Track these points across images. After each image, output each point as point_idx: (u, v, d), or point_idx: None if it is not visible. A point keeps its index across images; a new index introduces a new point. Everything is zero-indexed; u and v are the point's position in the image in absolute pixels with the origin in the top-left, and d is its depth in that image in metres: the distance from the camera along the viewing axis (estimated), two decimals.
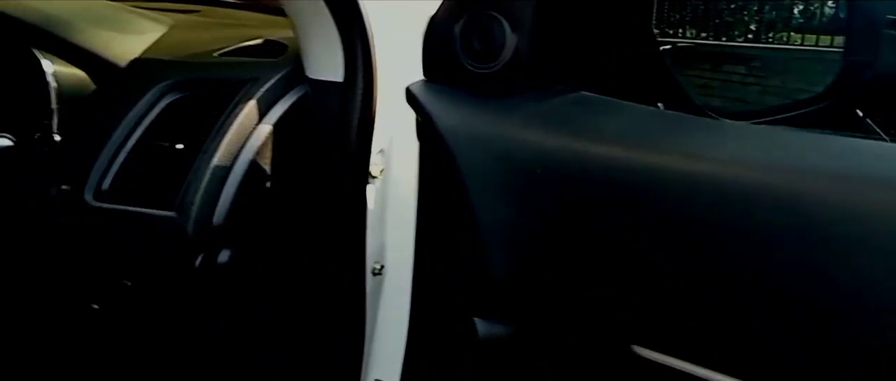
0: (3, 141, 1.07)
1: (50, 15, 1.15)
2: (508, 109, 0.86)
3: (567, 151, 0.79)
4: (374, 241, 1.16)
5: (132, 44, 1.21)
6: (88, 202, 1.07)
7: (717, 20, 1.10)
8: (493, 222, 0.82)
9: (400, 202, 1.19)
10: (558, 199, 0.79)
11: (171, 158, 1.07)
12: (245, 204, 1.07)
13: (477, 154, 0.85)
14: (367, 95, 1.13)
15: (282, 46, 1.24)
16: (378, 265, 1.18)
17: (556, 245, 0.80)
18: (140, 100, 1.12)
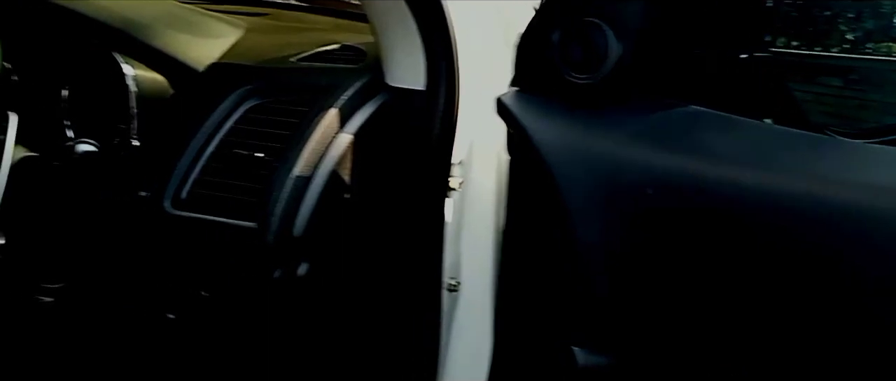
0: (86, 146, 1.05)
1: (131, 18, 1.12)
2: (611, 122, 0.80)
3: (681, 171, 0.72)
4: (450, 256, 1.11)
5: (209, 48, 1.18)
6: (167, 210, 1.04)
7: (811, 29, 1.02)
8: (596, 245, 0.76)
9: (478, 217, 1.13)
10: (671, 222, 0.73)
11: (250, 167, 1.04)
12: (324, 216, 1.03)
13: (578, 171, 0.79)
14: (449, 105, 1.08)
15: (360, 52, 1.19)
16: (453, 281, 1.12)
17: (667, 273, 0.73)
18: (219, 106, 1.08)
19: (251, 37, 1.25)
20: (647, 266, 0.75)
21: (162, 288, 1.08)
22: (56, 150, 1.06)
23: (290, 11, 1.67)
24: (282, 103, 1.07)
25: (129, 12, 1.14)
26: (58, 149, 1.06)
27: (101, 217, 1.09)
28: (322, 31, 1.43)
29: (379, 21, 1.07)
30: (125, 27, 1.11)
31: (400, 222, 1.11)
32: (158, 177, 1.05)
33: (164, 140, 1.08)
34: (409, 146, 1.10)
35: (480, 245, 1.13)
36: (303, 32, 1.38)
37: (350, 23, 1.57)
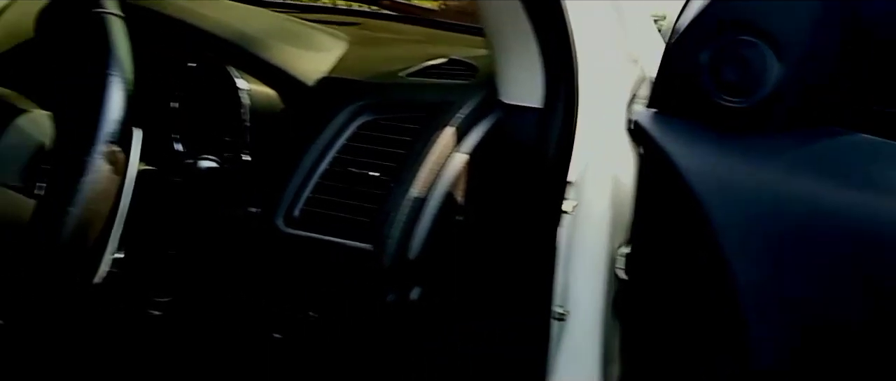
0: (209, 163, 1.02)
1: (243, 31, 1.09)
2: (771, 151, 0.73)
3: (861, 210, 0.65)
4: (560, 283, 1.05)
5: (318, 61, 1.15)
6: (279, 228, 1.00)
7: None
8: (755, 290, 0.69)
9: (590, 242, 1.06)
10: (852, 268, 0.66)
11: (364, 186, 0.99)
12: (438, 239, 0.98)
13: (732, 204, 0.72)
14: (568, 124, 1.02)
15: (469, 67, 1.14)
16: (561, 310, 1.07)
17: (847, 327, 0.66)
18: (331, 122, 1.04)
19: (355, 50, 1.21)
20: (824, 318, 0.67)
21: (270, 307, 1.05)
22: (176, 165, 1.04)
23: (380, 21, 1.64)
24: (395, 120, 1.03)
25: (241, 25, 1.11)
26: (178, 164, 1.04)
27: (212, 232, 1.07)
28: (420, 43, 1.39)
29: (497, 37, 1.01)
30: (238, 40, 1.09)
31: (511, 246, 1.05)
32: (270, 194, 1.02)
33: (276, 156, 1.05)
34: (523, 167, 1.05)
35: (591, 273, 1.07)
36: (403, 45, 1.34)
37: (442, 33, 1.53)
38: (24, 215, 0.82)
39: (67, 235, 0.79)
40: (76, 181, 0.79)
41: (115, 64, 0.82)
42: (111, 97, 0.81)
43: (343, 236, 0.97)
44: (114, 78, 0.82)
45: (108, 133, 0.81)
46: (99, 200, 0.81)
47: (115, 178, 0.82)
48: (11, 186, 0.83)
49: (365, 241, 0.96)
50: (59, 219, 0.78)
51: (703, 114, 0.77)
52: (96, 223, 0.81)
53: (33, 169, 0.83)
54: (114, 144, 0.81)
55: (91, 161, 0.79)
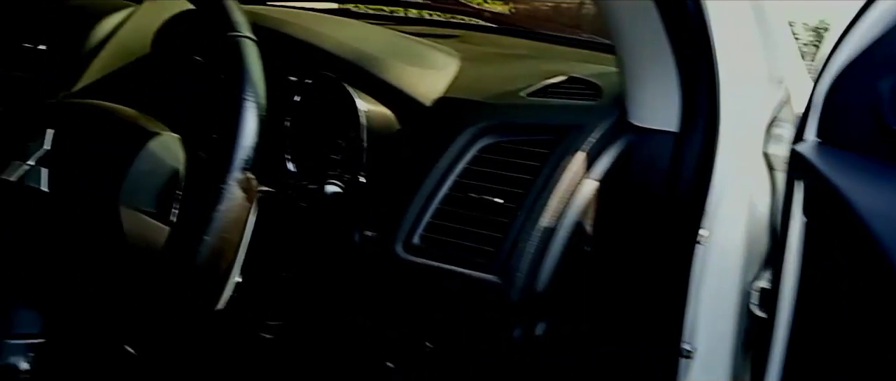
0: (334, 187, 1.00)
1: (361, 50, 1.07)
2: None
3: None
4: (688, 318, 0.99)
5: (434, 80, 1.11)
6: (398, 255, 0.97)
7: None
8: None
9: (721, 275, 1.00)
10: None
11: (488, 213, 0.96)
12: (567, 271, 0.94)
13: None
14: (707, 150, 0.96)
15: (592, 86, 1.09)
16: (688, 347, 1.01)
17: None
18: (451, 145, 1.01)
19: (468, 67, 1.18)
20: None
21: (384, 334, 1.02)
22: (294, 187, 1.02)
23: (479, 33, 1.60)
24: (519, 143, 0.99)
25: (359, 44, 1.09)
26: (298, 187, 1.02)
27: (327, 255, 1.04)
28: (530, 58, 1.34)
29: (629, 54, 0.96)
30: (357, 59, 1.06)
31: (641, 278, 1.00)
32: (388, 218, 0.99)
33: (393, 178, 1.02)
34: (656, 195, 0.99)
35: (721, 308, 1.01)
36: (514, 61, 1.30)
37: (547, 46, 1.49)
38: (157, 241, 0.81)
39: (201, 263, 0.77)
40: (211, 209, 0.77)
41: (250, 89, 0.80)
42: (246, 123, 0.79)
43: (466, 266, 0.93)
44: (248, 103, 0.80)
45: (243, 160, 0.79)
46: (232, 228, 0.79)
47: (247, 205, 0.80)
48: (145, 211, 0.81)
49: (490, 272, 0.91)
50: (193, 248, 0.77)
51: (882, 148, 0.71)
52: (228, 252, 0.79)
53: (167, 194, 0.82)
54: (247, 170, 0.79)
55: (226, 189, 0.77)
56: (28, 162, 0.87)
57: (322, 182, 0.99)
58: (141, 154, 0.83)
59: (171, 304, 0.79)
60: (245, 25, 0.84)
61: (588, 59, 1.34)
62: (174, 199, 0.82)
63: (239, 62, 0.81)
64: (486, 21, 1.65)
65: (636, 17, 0.93)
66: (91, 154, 0.86)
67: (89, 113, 0.90)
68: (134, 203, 0.81)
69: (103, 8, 1.30)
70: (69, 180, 0.86)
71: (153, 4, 1.32)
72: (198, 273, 0.77)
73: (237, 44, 0.83)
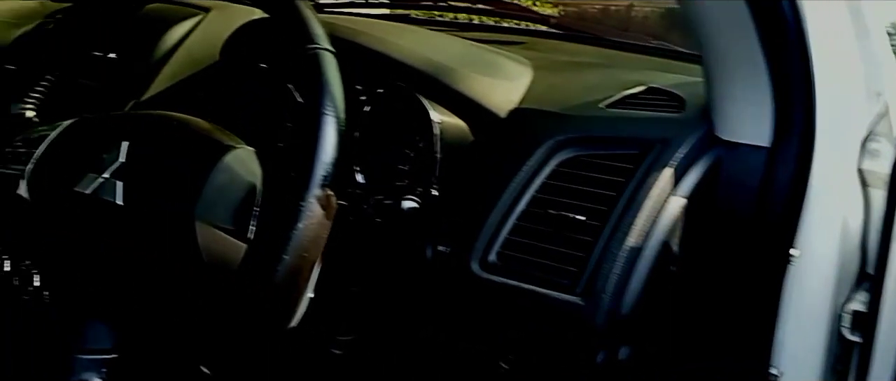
0: (411, 203, 0.97)
1: (434, 60, 1.04)
2: None
3: None
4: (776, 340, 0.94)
5: (508, 91, 1.08)
6: (474, 272, 0.94)
7: None
8: None
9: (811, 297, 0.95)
10: None
11: (568, 230, 0.92)
12: (653, 293, 0.90)
13: None
14: (801, 166, 0.91)
15: (674, 97, 1.04)
16: (774, 372, 0.95)
17: None
18: (528, 158, 0.97)
19: (542, 77, 1.14)
20: None
21: (458, 352, 0.99)
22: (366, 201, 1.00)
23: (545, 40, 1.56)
24: (601, 158, 0.95)
25: (432, 53, 1.06)
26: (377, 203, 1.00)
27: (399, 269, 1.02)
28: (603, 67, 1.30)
29: (717, 63, 0.91)
30: (429, 69, 1.03)
31: (728, 300, 0.95)
32: (463, 234, 0.96)
33: (468, 193, 0.99)
34: (745, 212, 0.94)
35: (812, 331, 0.95)
36: (587, 70, 1.25)
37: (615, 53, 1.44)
38: (233, 258, 0.79)
39: (278, 283, 0.75)
40: (290, 227, 0.74)
41: (330, 102, 0.78)
42: (325, 138, 0.77)
43: (546, 286, 0.89)
44: (328, 117, 0.77)
45: (322, 176, 0.76)
46: (311, 247, 0.76)
47: (326, 223, 0.77)
48: (222, 227, 0.79)
49: (573, 293, 0.88)
50: (271, 267, 0.74)
51: None
52: (306, 271, 0.77)
53: (244, 210, 0.80)
54: (327, 186, 0.77)
55: (305, 206, 0.75)
56: (103, 175, 0.86)
57: (397, 196, 0.96)
58: (217, 168, 0.81)
59: (246, 323, 0.77)
60: (324, 37, 0.82)
61: (661, 68, 1.29)
62: (251, 215, 0.80)
63: (318, 75, 0.79)
64: (552, 27, 1.61)
65: (727, 23, 0.88)
66: (167, 167, 0.85)
67: (164, 125, 0.89)
68: (210, 219, 0.80)
69: (173, 16, 1.30)
70: (144, 194, 0.84)
71: (221, 12, 1.32)
72: (275, 293, 0.75)
73: (316, 56, 0.80)
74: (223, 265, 0.80)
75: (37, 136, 0.96)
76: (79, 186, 0.87)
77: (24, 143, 0.97)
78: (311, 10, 0.84)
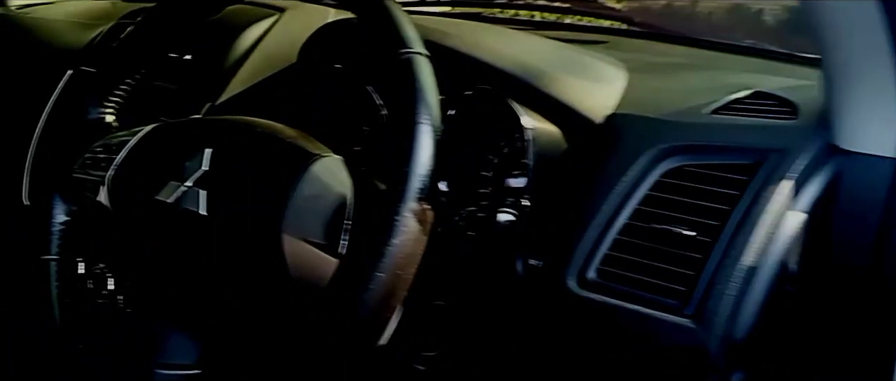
0: (508, 216, 0.92)
1: (526, 63, 0.99)
2: None
3: None
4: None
5: (603, 95, 1.02)
6: (571, 289, 0.89)
7: None
8: None
9: None
10: None
11: (676, 246, 0.86)
12: (769, 314, 0.83)
13: None
14: None
15: (784, 102, 0.97)
16: None
17: None
18: (629, 168, 0.91)
19: (638, 80, 1.08)
20: None
21: (549, 372, 0.94)
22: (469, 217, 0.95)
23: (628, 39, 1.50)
24: (709, 168, 0.88)
25: (523, 56, 1.01)
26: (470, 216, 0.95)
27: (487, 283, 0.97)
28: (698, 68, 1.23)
29: (840, 67, 0.84)
30: (520, 72, 0.98)
31: (848, 320, 0.88)
32: (559, 248, 0.90)
33: (562, 204, 0.93)
34: (868, 227, 0.87)
35: None
36: (684, 72, 1.19)
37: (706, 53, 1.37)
38: (323, 274, 0.75)
39: (371, 302, 0.71)
40: (385, 243, 0.70)
41: (426, 111, 0.73)
42: (421, 148, 0.72)
43: (653, 307, 0.83)
44: (424, 126, 0.73)
45: (418, 189, 0.72)
46: (406, 264, 0.72)
47: (422, 239, 0.73)
48: (311, 241, 0.75)
49: (682, 315, 0.82)
50: (364, 285, 0.70)
51: None
52: (401, 289, 0.73)
53: (334, 223, 0.76)
54: (423, 200, 0.72)
55: (401, 221, 0.71)
56: (185, 183, 0.84)
57: (491, 208, 0.91)
58: (305, 178, 0.77)
59: (334, 343, 0.73)
60: (418, 41, 0.77)
61: (759, 69, 1.22)
62: (342, 229, 0.76)
63: (413, 81, 0.75)
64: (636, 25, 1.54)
65: (854, 26, 0.81)
66: (252, 177, 0.81)
67: (248, 131, 0.86)
68: (298, 231, 0.76)
69: (248, 17, 1.28)
70: (228, 204, 0.81)
71: (296, 12, 1.29)
72: (366, 313, 0.71)
73: (410, 61, 0.76)
74: (311, 281, 0.76)
75: (117, 142, 0.94)
76: (160, 195, 0.85)
77: (104, 149, 0.95)
78: (403, 12, 0.80)
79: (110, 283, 1.04)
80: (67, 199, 0.98)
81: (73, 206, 0.98)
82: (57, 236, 0.97)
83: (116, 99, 1.02)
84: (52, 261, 0.96)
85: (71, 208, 0.99)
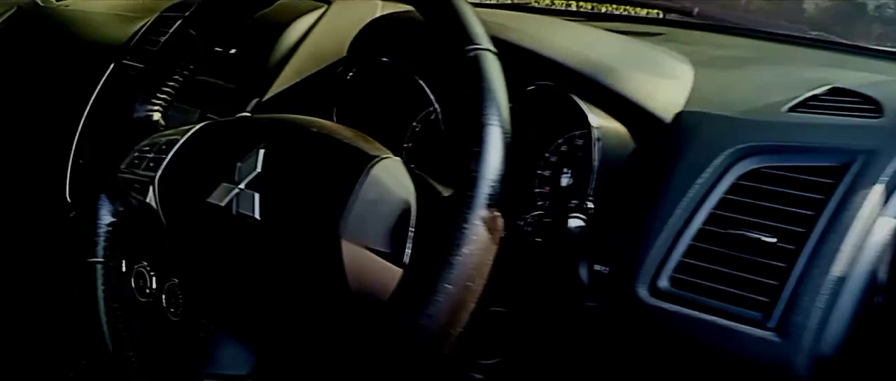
0: (576, 221, 0.88)
1: (592, 58, 0.94)
2: None
3: None
4: None
5: (672, 91, 0.97)
6: (642, 299, 0.84)
7: None
8: None
9: None
10: None
11: (757, 254, 0.81)
12: (858, 329, 0.78)
13: None
14: None
15: (867, 99, 0.92)
16: None
17: None
18: (703, 169, 0.86)
19: (705, 75, 1.03)
20: None
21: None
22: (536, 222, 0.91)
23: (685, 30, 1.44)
24: (791, 170, 0.83)
25: (587, 50, 0.96)
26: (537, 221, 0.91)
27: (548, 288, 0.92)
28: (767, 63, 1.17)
29: None
30: (586, 68, 0.93)
31: None
32: (626, 254, 0.86)
33: (630, 206, 0.89)
34: None
35: None
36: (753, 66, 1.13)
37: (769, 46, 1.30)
38: (385, 284, 0.72)
39: (439, 317, 0.67)
40: (453, 254, 0.66)
41: (495, 112, 0.70)
42: (491, 152, 0.69)
43: (732, 319, 0.79)
44: (493, 128, 0.69)
45: (489, 195, 0.68)
46: (476, 275, 0.68)
47: (492, 248, 0.69)
48: (372, 248, 0.72)
49: (765, 328, 0.77)
50: (430, 298, 0.67)
51: None
52: (470, 302, 0.69)
53: (398, 230, 0.72)
54: (493, 207, 0.68)
55: (470, 229, 0.67)
56: (238, 185, 0.81)
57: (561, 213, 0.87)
58: (366, 181, 0.74)
59: (397, 357, 0.70)
60: (485, 37, 0.73)
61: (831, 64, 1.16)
62: (407, 236, 0.72)
63: (481, 80, 0.71)
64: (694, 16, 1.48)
65: None
66: (309, 179, 0.78)
67: (304, 131, 0.82)
68: (359, 238, 0.73)
69: (294, 9, 1.24)
70: (284, 208, 0.78)
71: (345, 5, 1.25)
72: (434, 326, 0.67)
73: (477, 59, 0.72)
74: (373, 291, 0.73)
75: (165, 140, 0.91)
76: (212, 198, 0.82)
77: (151, 148, 0.92)
78: (469, 6, 0.76)
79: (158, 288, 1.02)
80: (114, 199, 0.96)
81: (119, 207, 0.96)
82: (103, 238, 0.95)
83: (163, 96, 1.00)
84: (98, 264, 0.94)
85: (117, 209, 0.96)
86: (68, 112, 1.35)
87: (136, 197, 0.91)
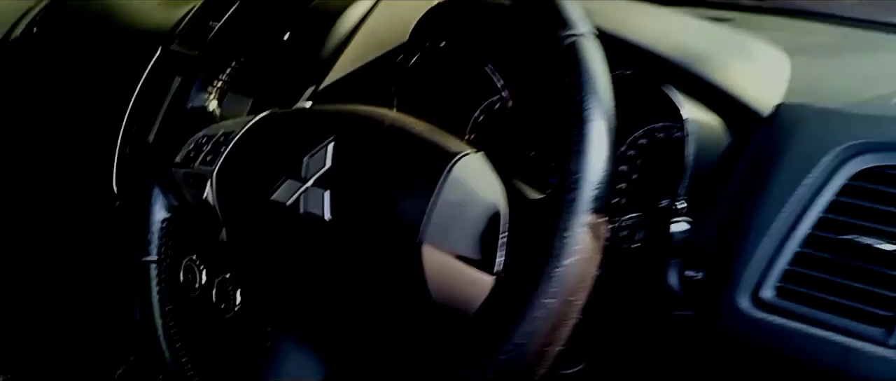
0: (681, 226, 0.81)
1: (686, 46, 0.87)
2: None
3: None
4: None
5: (770, 82, 0.89)
6: (743, 310, 0.77)
7: None
8: None
9: None
10: None
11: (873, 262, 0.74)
12: None
13: None
14: None
15: None
16: None
17: None
18: (810, 169, 0.79)
19: (801, 64, 0.95)
20: None
21: None
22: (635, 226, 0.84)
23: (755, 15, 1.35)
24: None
25: (677, 36, 0.89)
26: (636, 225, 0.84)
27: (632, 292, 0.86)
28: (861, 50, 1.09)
29: None
30: (679, 56, 0.86)
31: None
32: (725, 260, 0.79)
33: (727, 208, 0.82)
34: None
35: None
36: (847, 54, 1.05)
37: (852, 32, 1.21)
38: (472, 294, 0.66)
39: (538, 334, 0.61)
40: (554, 265, 0.60)
41: (598, 106, 0.63)
42: (594, 151, 0.62)
43: (847, 334, 0.72)
44: (597, 124, 0.62)
45: (593, 199, 0.61)
46: (578, 289, 0.62)
47: (596, 258, 0.62)
48: (459, 255, 0.66)
49: (885, 346, 0.70)
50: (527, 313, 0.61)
51: None
52: (571, 318, 0.63)
53: (487, 235, 0.66)
54: (598, 212, 0.61)
55: (572, 237, 0.60)
56: (306, 183, 0.75)
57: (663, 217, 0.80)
58: (448, 181, 0.68)
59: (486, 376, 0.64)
60: (584, 21, 0.66)
61: None
62: (498, 242, 0.66)
63: (581, 71, 0.64)
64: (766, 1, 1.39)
65: None
66: (384, 177, 0.72)
67: (375, 124, 0.76)
68: (443, 244, 0.66)
69: None
70: (357, 208, 0.72)
71: None
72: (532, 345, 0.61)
73: (575, 46, 0.65)
74: (458, 302, 0.67)
75: (224, 132, 0.86)
76: (277, 196, 0.76)
77: (208, 140, 0.87)
78: None
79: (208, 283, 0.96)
80: (167, 194, 0.91)
81: (173, 202, 0.91)
82: (157, 235, 0.90)
83: (219, 84, 0.94)
84: (152, 263, 0.89)
85: (171, 205, 0.91)
86: (113, 102, 1.30)
87: (192, 192, 0.86)
